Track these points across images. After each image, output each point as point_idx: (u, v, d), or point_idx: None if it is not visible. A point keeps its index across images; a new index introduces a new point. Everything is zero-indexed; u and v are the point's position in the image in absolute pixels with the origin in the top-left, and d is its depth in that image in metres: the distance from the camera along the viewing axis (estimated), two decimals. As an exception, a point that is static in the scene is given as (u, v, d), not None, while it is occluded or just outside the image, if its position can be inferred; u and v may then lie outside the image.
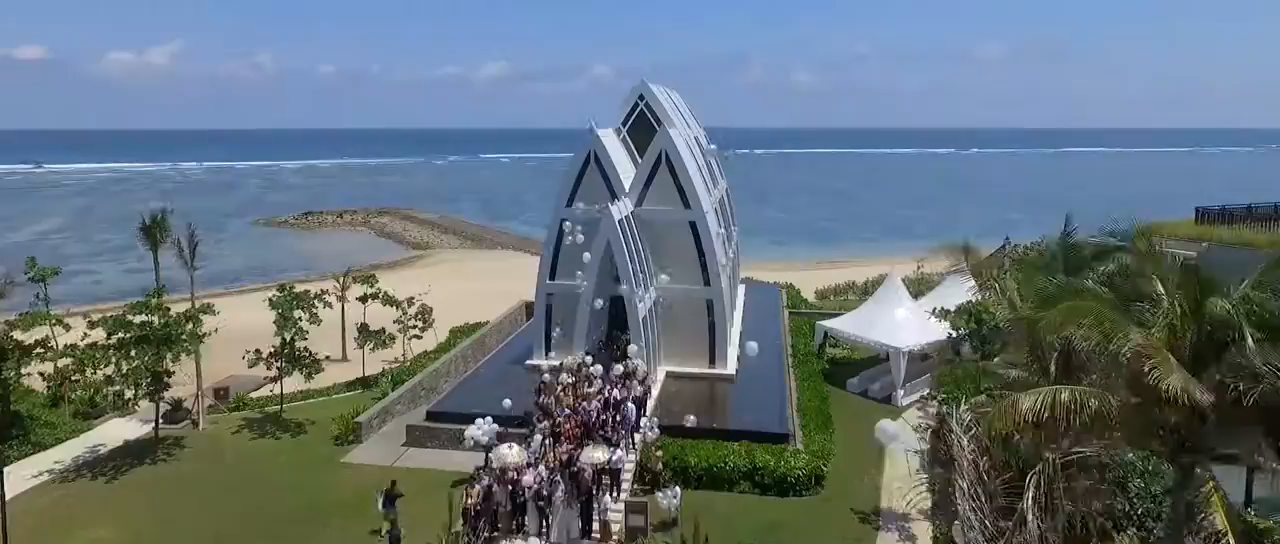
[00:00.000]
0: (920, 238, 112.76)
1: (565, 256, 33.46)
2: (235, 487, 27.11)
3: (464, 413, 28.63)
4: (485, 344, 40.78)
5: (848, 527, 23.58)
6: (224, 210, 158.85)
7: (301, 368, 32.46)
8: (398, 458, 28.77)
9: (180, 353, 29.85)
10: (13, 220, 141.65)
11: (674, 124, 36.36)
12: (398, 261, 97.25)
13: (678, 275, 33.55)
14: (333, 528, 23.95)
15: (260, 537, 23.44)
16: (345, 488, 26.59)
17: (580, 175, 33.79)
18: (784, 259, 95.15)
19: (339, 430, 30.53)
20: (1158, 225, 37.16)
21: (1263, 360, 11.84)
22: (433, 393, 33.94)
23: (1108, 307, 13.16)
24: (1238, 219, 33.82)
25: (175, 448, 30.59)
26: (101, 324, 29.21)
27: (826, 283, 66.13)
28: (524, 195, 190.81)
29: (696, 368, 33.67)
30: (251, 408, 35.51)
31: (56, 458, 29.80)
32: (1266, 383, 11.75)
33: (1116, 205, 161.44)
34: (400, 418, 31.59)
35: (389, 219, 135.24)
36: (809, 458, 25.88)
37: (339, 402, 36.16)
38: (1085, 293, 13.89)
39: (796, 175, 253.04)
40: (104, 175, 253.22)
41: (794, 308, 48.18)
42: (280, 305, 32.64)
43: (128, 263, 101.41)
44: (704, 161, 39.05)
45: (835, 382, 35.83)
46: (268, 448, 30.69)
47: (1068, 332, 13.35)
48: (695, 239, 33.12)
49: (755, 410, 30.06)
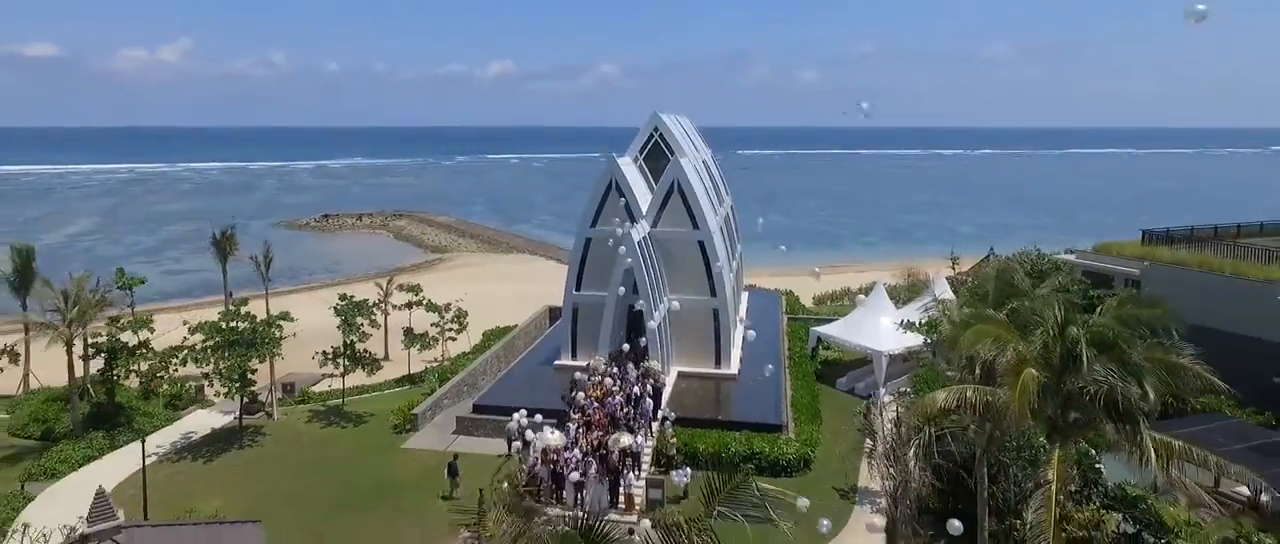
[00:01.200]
0: (919, 243, 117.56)
1: (589, 270, 38.52)
2: (316, 467, 32.18)
3: (505, 406, 33.77)
4: (515, 346, 45.82)
5: (830, 501, 28.45)
6: (245, 212, 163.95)
7: (364, 366, 37.54)
8: (450, 444, 33.78)
9: (265, 355, 34.96)
10: (43, 222, 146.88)
11: (684, 152, 41.31)
12: (420, 265, 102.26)
13: (687, 287, 38.54)
14: (406, 498, 29.01)
15: (349, 506, 28.47)
16: (411, 468, 31.65)
17: (603, 199, 38.77)
18: (787, 264, 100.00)
19: (398, 420, 35.57)
20: (1111, 244, 42.08)
21: (1096, 370, 16.70)
22: (474, 389, 38.99)
23: (1003, 328, 18.00)
24: (1178, 240, 38.57)
25: (257, 435, 35.68)
26: (200, 329, 34.28)
27: (825, 289, 70.88)
28: (534, 198, 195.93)
29: (704, 368, 38.68)
30: (315, 401, 40.67)
31: (157, 443, 34.86)
32: (1103, 384, 16.60)
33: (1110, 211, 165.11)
34: (448, 410, 36.65)
35: (406, 222, 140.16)
36: (799, 445, 30.87)
37: (390, 396, 41.32)
38: (989, 318, 18.77)
39: (801, 178, 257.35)
40: (123, 176, 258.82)
41: (792, 313, 53.15)
42: (344, 313, 37.72)
43: (163, 265, 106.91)
44: (711, 183, 44.03)
45: (826, 381, 40.80)
46: (336, 435, 35.79)
47: (977, 346, 18.23)
48: (703, 256, 38.12)
49: (754, 405, 35.05)
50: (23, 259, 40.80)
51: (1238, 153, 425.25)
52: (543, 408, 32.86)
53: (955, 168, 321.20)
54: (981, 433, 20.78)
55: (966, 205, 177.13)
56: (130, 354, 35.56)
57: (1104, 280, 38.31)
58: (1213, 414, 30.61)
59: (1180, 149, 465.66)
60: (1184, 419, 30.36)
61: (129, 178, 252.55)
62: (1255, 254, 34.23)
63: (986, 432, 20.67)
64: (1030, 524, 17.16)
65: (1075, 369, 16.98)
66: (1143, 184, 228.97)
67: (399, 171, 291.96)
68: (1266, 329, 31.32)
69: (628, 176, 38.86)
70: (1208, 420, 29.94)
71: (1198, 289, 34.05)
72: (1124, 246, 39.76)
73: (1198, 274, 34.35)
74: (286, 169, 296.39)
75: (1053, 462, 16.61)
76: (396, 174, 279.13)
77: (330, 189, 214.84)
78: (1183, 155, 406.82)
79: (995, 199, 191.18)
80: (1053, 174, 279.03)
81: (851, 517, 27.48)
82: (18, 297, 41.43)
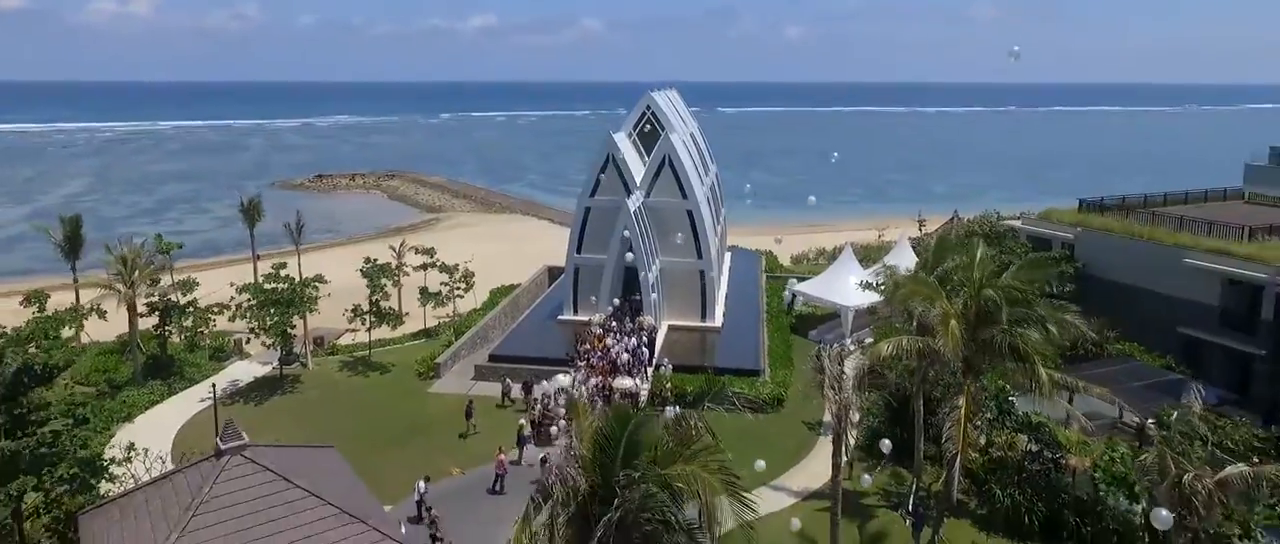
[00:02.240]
0: (894, 202, 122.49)
1: (589, 234, 43.10)
2: (353, 409, 36.93)
3: (516, 355, 38.74)
4: (519, 303, 50.49)
5: (799, 432, 33.67)
6: (238, 172, 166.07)
7: (389, 322, 42.14)
8: (470, 388, 38.61)
9: (303, 312, 39.44)
10: (38, 183, 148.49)
11: (674, 128, 45.64)
12: (417, 224, 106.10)
13: (676, 251, 43.23)
14: (434, 434, 33.89)
15: (388, 440, 33.26)
16: (437, 409, 36.50)
17: (601, 173, 43.17)
18: (769, 223, 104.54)
19: (422, 369, 40.30)
20: (1052, 211, 47.06)
21: (1003, 322, 21.58)
22: (486, 341, 43.75)
23: (930, 288, 22.76)
24: (1109, 209, 43.49)
25: (296, 383, 40.33)
26: (246, 289, 38.66)
27: (803, 249, 75.74)
28: (522, 157, 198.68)
29: (691, 322, 43.58)
30: (342, 353, 45.27)
31: (209, 389, 39.45)
32: (1009, 334, 21.50)
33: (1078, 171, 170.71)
34: (465, 360, 41.42)
35: (399, 182, 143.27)
36: (773, 387, 35.96)
37: (409, 349, 45.98)
38: (920, 280, 23.54)
39: (785, 136, 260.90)
40: (108, 135, 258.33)
41: (771, 272, 58.03)
42: (370, 274, 42.17)
43: (164, 225, 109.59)
44: (698, 155, 48.43)
45: (800, 333, 45.82)
46: (367, 382, 40.52)
47: (912, 303, 23.01)
48: (691, 223, 42.75)
49: (736, 353, 40.08)
50: (72, 228, 44.76)
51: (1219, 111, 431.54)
52: (548, 357, 37.82)
53: (936, 126, 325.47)
54: (918, 373, 25.80)
55: (942, 164, 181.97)
56: (181, 312, 39.92)
57: (1044, 244, 43.35)
58: (1124, 358, 35.93)
59: (1163, 107, 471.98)
60: (1099, 361, 35.73)
61: (114, 137, 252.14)
62: (1170, 222, 39.27)
63: (922, 371, 25.68)
64: (946, 439, 22.20)
65: (988, 321, 21.84)
66: (1115, 144, 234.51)
67: (385, 130, 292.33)
68: (1174, 287, 36.48)
69: (623, 151, 43.19)
70: (1118, 363, 35.28)
71: (1121, 252, 39.19)
72: (1063, 214, 44.71)
73: (1121, 239, 39.42)
74: (272, 127, 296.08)
75: (965, 392, 21.51)
76: (383, 132, 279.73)
77: (319, 149, 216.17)
78: (1164, 114, 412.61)
79: (970, 158, 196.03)
80: (1030, 133, 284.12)
81: (816, 444, 32.65)
82: (68, 261, 45.45)
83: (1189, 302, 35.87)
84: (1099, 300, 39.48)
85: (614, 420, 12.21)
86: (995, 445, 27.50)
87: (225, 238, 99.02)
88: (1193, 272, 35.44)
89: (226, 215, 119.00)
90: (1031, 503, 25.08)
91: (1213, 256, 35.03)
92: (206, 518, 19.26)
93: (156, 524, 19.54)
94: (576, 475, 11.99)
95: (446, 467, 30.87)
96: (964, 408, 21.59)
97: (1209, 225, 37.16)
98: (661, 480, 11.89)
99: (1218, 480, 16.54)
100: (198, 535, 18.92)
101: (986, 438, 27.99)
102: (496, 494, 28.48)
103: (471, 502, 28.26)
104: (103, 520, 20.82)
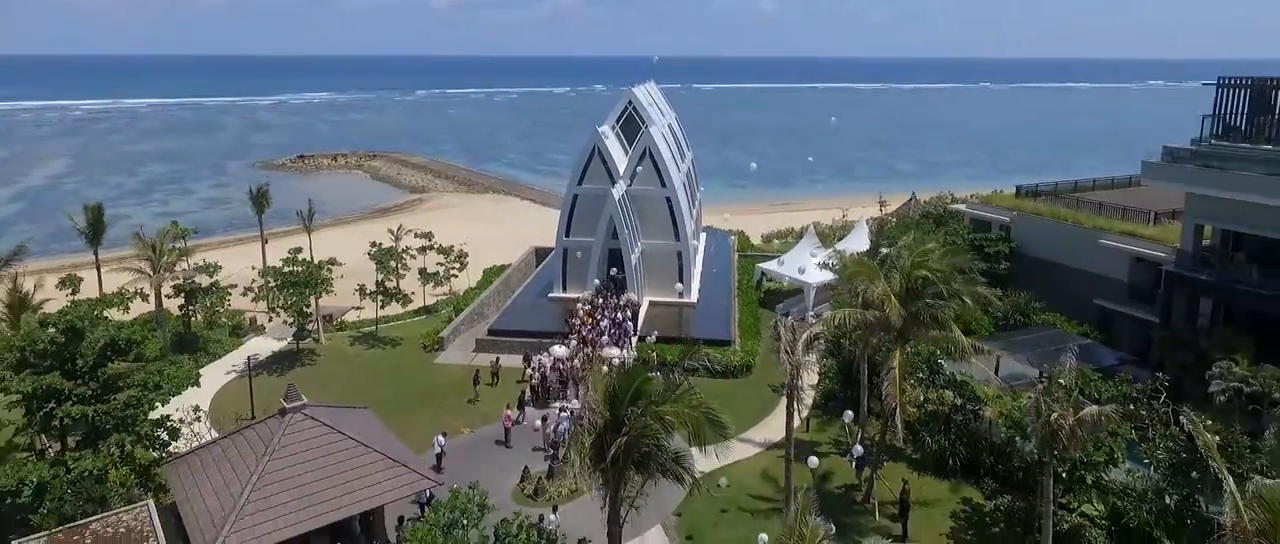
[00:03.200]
0: (861, 179, 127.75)
1: (576, 219, 47.45)
2: (369, 378, 41.18)
3: (513, 329, 43.16)
4: (511, 282, 54.79)
5: (765, 394, 38.48)
6: (219, 151, 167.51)
7: (397, 300, 46.33)
8: (472, 359, 43.00)
9: (318, 293, 43.49)
10: (15, 164, 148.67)
11: (653, 121, 49.91)
12: (403, 205, 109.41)
13: (656, 234, 47.71)
14: (447, 398, 38.27)
15: (403, 405, 37.53)
16: (444, 377, 40.87)
17: (587, 163, 47.43)
18: (741, 202, 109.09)
19: (428, 342, 44.59)
20: (993, 195, 52.14)
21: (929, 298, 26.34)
22: (482, 318, 48.06)
23: (872, 270, 27.44)
24: (1042, 195, 48.61)
25: (312, 356, 44.45)
26: (267, 273, 42.59)
27: (773, 228, 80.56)
28: (500, 136, 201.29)
29: (670, 298, 48.17)
30: (350, 329, 49.37)
31: (233, 362, 43.44)
32: (935, 307, 26.27)
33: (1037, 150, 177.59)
34: (465, 334, 45.76)
35: (381, 162, 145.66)
36: (743, 355, 40.71)
37: (412, 324, 50.17)
38: (862, 262, 28.20)
39: (758, 115, 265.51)
40: (79, 114, 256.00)
41: (742, 251, 62.74)
42: (379, 257, 46.27)
43: (151, 207, 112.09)
44: (675, 144, 52.78)
45: (768, 307, 50.63)
46: (378, 355, 44.76)
47: (857, 282, 27.69)
48: (670, 208, 47.23)
49: (710, 325, 44.80)
50: (95, 215, 48.25)
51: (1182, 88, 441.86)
52: (542, 331, 42.30)
53: (908, 103, 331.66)
54: (862, 341, 30.58)
55: (909, 142, 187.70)
56: (205, 293, 43.82)
57: (985, 225, 48.40)
58: (1047, 326, 41.13)
59: (1150, 83, 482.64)
60: (1026, 329, 40.94)
61: (85, 116, 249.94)
62: (1090, 207, 44.43)
63: (865, 340, 30.47)
64: (885, 395, 27.01)
65: (916, 297, 26.62)
66: (1079, 122, 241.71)
67: (362, 107, 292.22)
68: (1093, 264, 41.65)
69: (608, 144, 47.47)
70: (1042, 330, 40.47)
71: (1048, 233, 44.34)
72: (1002, 198, 49.79)
73: (1049, 222, 44.55)
74: (246, 105, 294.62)
75: (899, 355, 26.27)
76: (360, 110, 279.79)
77: (296, 127, 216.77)
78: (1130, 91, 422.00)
79: (937, 136, 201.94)
80: (998, 110, 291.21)
81: (779, 404, 37.48)
82: (91, 246, 48.97)
83: (1104, 277, 41.10)
84: (1030, 276, 44.80)
85: (624, 376, 16.81)
86: (929, 400, 32.48)
87: (214, 219, 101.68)
88: (1107, 251, 40.63)
89: (211, 196, 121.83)
90: (955, 447, 30.15)
91: (1123, 238, 40.22)
92: (278, 463, 23.69)
93: (237, 468, 23.91)
94: (597, 414, 16.54)
95: (457, 426, 35.35)
96: (898, 369, 26.35)
97: (1122, 210, 42.33)
98: (656, 416, 16.44)
99: (1076, 419, 21.44)
100: (271, 477, 23.35)
101: (924, 395, 32.98)
102: (503, 446, 33.09)
103: (483, 452, 32.83)
104: (186, 469, 25.11)
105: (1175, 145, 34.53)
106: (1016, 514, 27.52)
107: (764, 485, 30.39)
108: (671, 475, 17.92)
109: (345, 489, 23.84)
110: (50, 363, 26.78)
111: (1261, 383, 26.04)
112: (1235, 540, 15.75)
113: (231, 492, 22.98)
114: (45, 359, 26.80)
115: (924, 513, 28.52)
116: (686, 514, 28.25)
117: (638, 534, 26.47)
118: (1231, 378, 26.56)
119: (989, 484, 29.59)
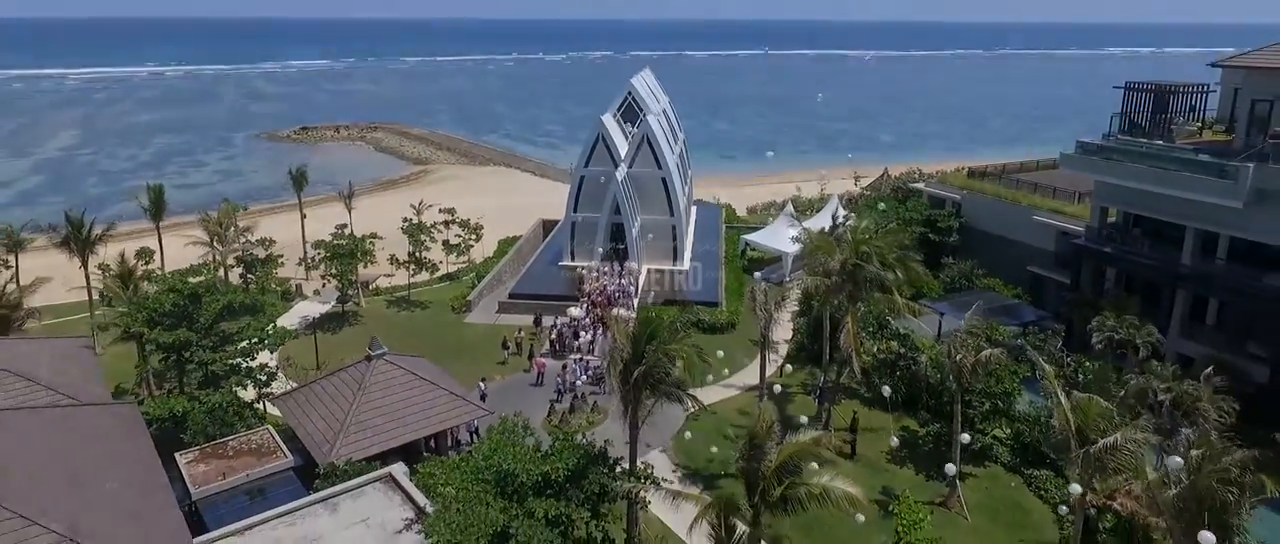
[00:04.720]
0: (842, 151, 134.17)
1: (583, 196, 54.29)
2: (407, 335, 48.03)
3: (531, 293, 50.21)
4: (523, 252, 61.63)
5: (747, 347, 45.69)
6: (221, 123, 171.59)
7: (428, 269, 53.16)
8: (495, 320, 49.97)
9: (362, 263, 50.22)
10: (23, 135, 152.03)
11: (651, 110, 56.49)
12: (408, 177, 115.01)
13: (654, 209, 54.57)
14: (478, 353, 45.26)
15: (442, 357, 44.24)
16: (474, 335, 47.86)
17: (593, 147, 54.11)
18: (729, 173, 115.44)
19: (457, 305, 51.50)
20: (948, 175, 59.14)
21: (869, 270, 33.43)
22: (500, 284, 54.97)
23: (830, 244, 34.45)
24: (989, 176, 55.69)
25: (355, 318, 51.28)
26: (319, 245, 49.28)
27: (757, 200, 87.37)
28: (496, 106, 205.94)
29: (665, 266, 55.21)
30: (384, 295, 56.19)
31: (288, 322, 50.16)
32: (876, 275, 33.35)
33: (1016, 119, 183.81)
34: (489, 297, 52.71)
35: (383, 134, 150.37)
36: (728, 314, 47.92)
37: (438, 290, 57.03)
38: (822, 237, 35.26)
39: (746, 84, 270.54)
40: (75, 83, 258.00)
41: (729, 223, 69.72)
42: (411, 231, 52.97)
43: (171, 178, 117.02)
44: (669, 128, 59.41)
45: (751, 272, 57.71)
46: (413, 316, 51.64)
47: (819, 255, 34.73)
48: (665, 188, 54.09)
49: (700, 289, 51.94)
50: (156, 194, 54.66)
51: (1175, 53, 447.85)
52: (556, 294, 49.36)
53: (897, 71, 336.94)
54: (824, 302, 37.72)
55: (890, 113, 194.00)
56: (261, 263, 50.52)
57: (940, 202, 55.48)
58: (987, 291, 48.39)
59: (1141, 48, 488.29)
60: (970, 292, 48.17)
61: (81, 85, 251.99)
62: (1027, 187, 51.55)
63: (826, 301, 37.61)
64: (842, 344, 34.17)
65: (860, 267, 33.71)
66: (1058, 90, 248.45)
67: (356, 76, 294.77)
68: (1026, 236, 48.85)
69: (610, 131, 54.12)
70: (982, 293, 47.73)
71: (991, 210, 51.50)
72: (956, 178, 56.87)
73: (992, 200, 51.68)
74: (238, 74, 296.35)
75: (851, 314, 33.47)
76: (355, 79, 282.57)
77: (293, 97, 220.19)
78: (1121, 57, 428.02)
79: (919, 106, 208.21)
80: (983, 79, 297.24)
81: (757, 355, 44.70)
82: (153, 221, 55.40)
83: (1036, 248, 48.34)
84: (977, 247, 52.02)
85: (643, 323, 23.87)
86: (878, 350, 39.78)
87: (230, 190, 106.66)
88: (1038, 225, 47.80)
89: (224, 168, 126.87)
90: (897, 387, 37.47)
91: (1051, 215, 47.37)
92: (370, 396, 30.76)
93: (337, 400, 30.94)
94: (624, 349, 23.59)
95: (491, 374, 42.44)
96: (851, 324, 33.51)
97: (1053, 190, 49.44)
98: (666, 352, 23.42)
99: (975, 360, 28.75)
100: (365, 405, 30.39)
101: (874, 345, 40.26)
102: (537, 386, 40.39)
103: (520, 392, 40.00)
104: (293, 403, 32.13)
105: (1087, 139, 41.44)
106: (943, 437, 34.93)
107: (742, 420, 37.72)
108: (675, 398, 25.08)
109: (421, 415, 30.96)
110: (171, 321, 33.61)
111: (1125, 332, 33.38)
112: (1061, 435, 23.13)
113: (336, 417, 30.04)
114: (168, 318, 33.62)
115: (872, 437, 35.91)
116: (679, 441, 35.54)
117: (643, 455, 33.74)
118: (1105, 329, 33.85)
119: (923, 416, 36.99)
